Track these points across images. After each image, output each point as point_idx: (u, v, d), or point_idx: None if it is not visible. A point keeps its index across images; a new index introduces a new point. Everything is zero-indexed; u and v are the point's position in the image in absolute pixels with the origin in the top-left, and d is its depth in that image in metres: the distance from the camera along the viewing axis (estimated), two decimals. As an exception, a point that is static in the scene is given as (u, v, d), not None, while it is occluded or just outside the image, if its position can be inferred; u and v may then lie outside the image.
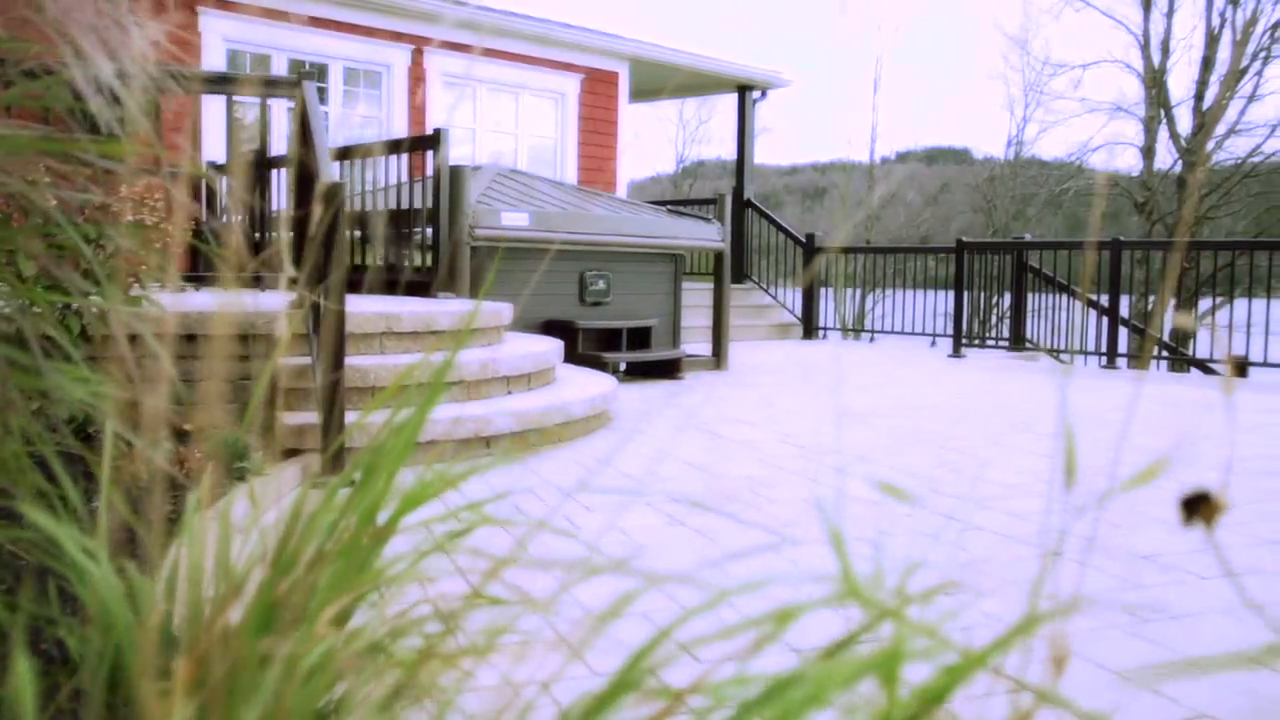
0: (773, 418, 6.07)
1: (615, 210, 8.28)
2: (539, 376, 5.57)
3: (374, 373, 4.63)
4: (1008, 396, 7.29)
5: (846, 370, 9.19)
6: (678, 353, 8.11)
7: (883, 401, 6.87)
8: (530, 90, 11.48)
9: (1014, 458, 4.88)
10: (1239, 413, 6.64)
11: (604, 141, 12.19)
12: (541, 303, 7.81)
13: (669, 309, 8.78)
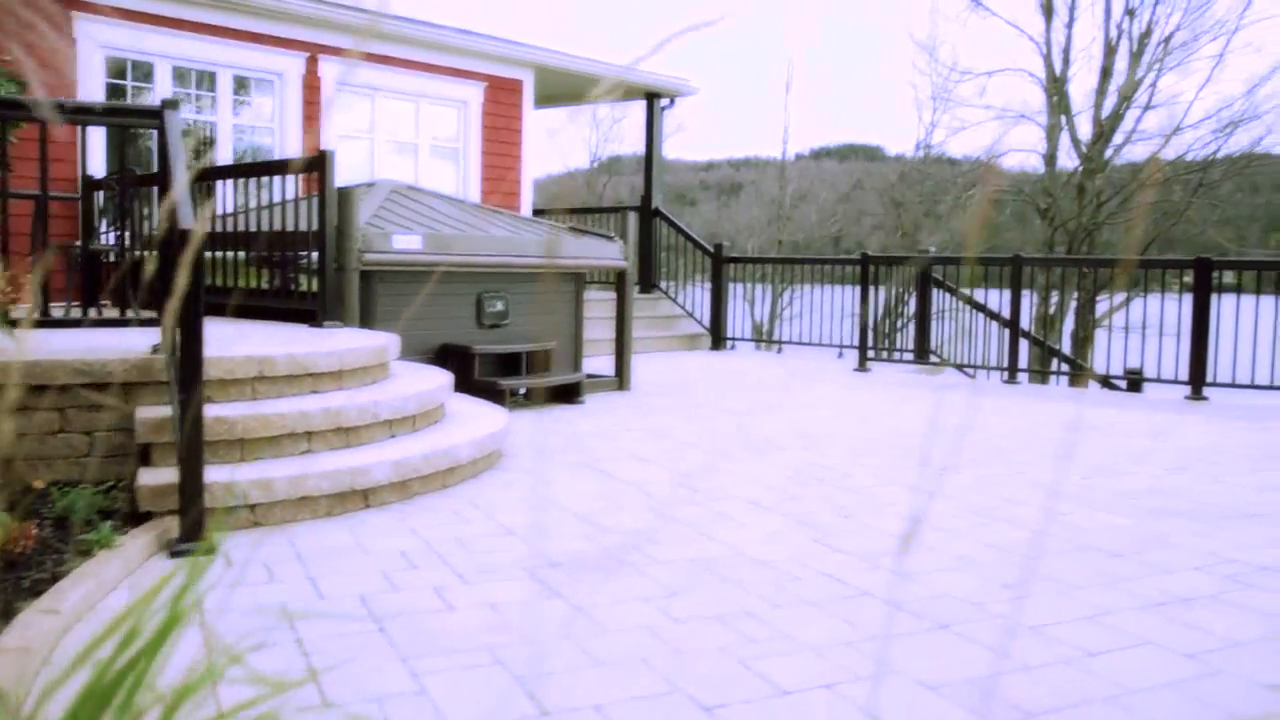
0: (669, 451, 5.95)
1: (515, 230, 8.08)
2: (425, 416, 5.37)
3: (243, 424, 4.37)
4: (906, 420, 7.29)
5: (751, 388, 9.13)
6: (577, 376, 7.95)
7: (783, 428, 6.80)
8: (431, 98, 11.19)
9: (908, 500, 4.83)
10: (1131, 438, 6.72)
11: (508, 150, 11.95)
12: (437, 326, 7.59)
13: (571, 327, 8.61)
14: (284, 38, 9.79)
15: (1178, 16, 19.54)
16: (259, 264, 7.26)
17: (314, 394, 4.96)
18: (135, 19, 8.80)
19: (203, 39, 9.22)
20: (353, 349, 5.17)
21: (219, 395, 4.63)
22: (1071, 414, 7.86)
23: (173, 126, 4.41)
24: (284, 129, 9.90)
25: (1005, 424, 7.21)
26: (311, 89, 10.05)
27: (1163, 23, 19.59)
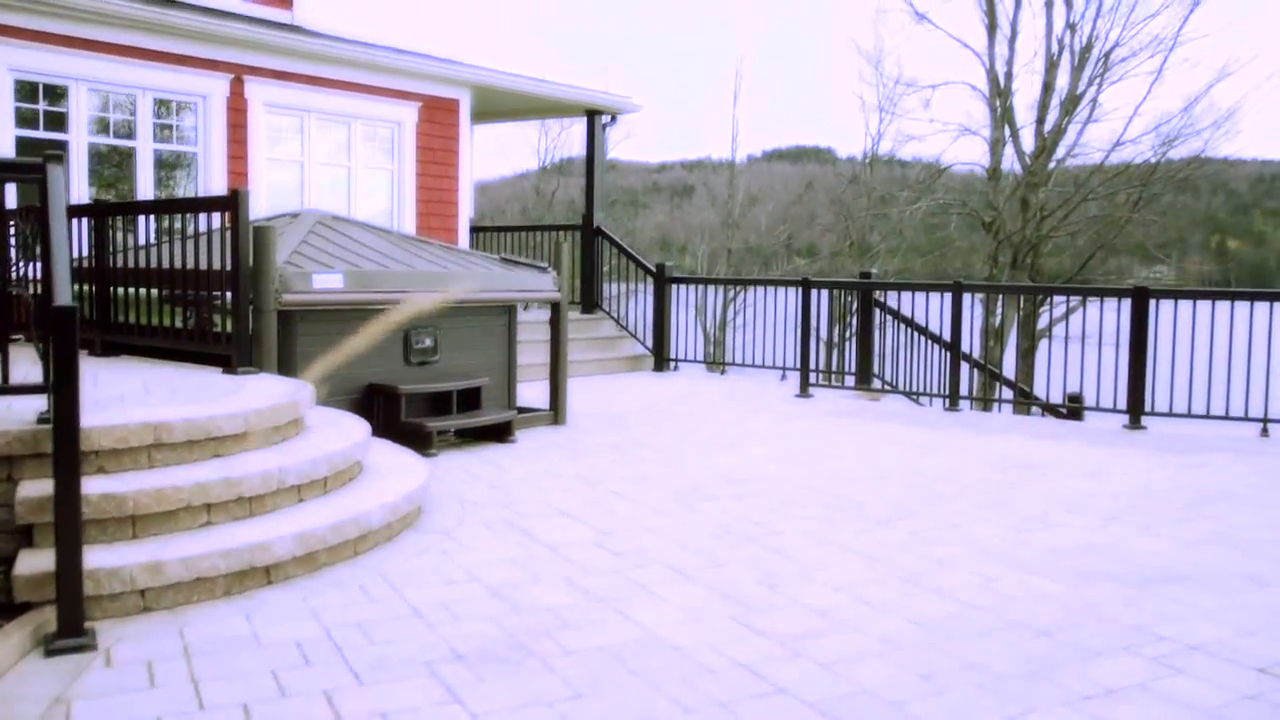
0: (595, 502, 5.77)
1: (443, 263, 7.85)
2: (338, 476, 5.14)
3: (135, 500, 4.12)
4: (843, 460, 7.17)
5: (688, 420, 8.98)
6: (507, 415, 7.74)
7: (716, 471, 6.65)
8: (364, 119, 10.91)
9: (837, 564, 4.69)
10: (1066, 479, 6.66)
11: (444, 172, 11.71)
12: (363, 364, 7.34)
13: (503, 360, 8.40)
14: (207, 59, 9.48)
15: (1117, 32, 19.75)
16: (173, 303, 6.98)
17: (217, 458, 4.72)
18: (48, 40, 8.45)
19: (121, 61, 8.88)
20: (258, 409, 4.93)
21: (112, 465, 4.38)
22: (1009, 449, 7.79)
23: (54, 183, 4.15)
24: (209, 153, 9.58)
25: (942, 463, 7.12)
26: (237, 111, 9.74)
27: (1103, 38, 19.78)
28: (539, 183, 41.38)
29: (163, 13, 8.93)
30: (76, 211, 7.49)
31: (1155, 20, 22.24)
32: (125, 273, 7.10)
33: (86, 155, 8.85)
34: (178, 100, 9.41)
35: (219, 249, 6.41)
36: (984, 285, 9.84)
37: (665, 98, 73.17)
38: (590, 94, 13.44)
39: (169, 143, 9.42)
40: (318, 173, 10.62)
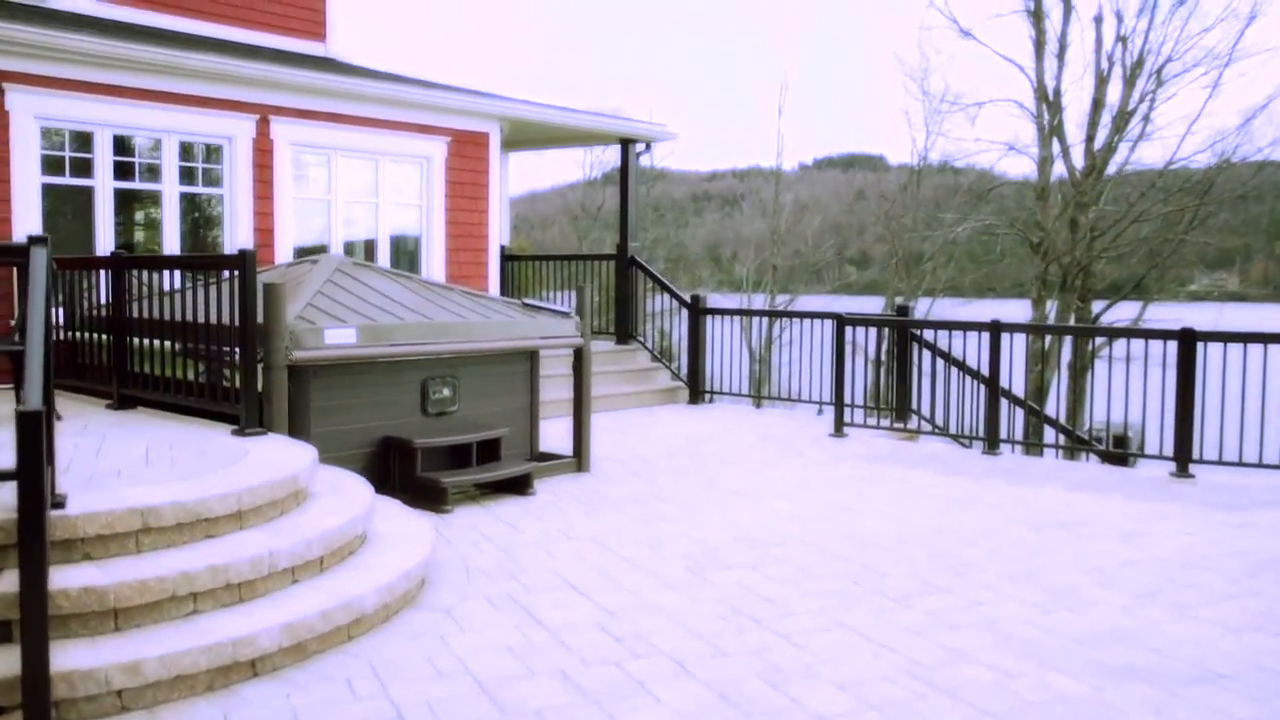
0: (605, 572, 5.59)
1: (462, 312, 7.73)
2: (337, 554, 5.01)
3: (116, 592, 4.02)
4: (868, 518, 6.91)
5: (716, 464, 8.77)
6: (525, 468, 7.58)
7: (735, 532, 6.44)
8: (392, 155, 10.86)
9: (847, 654, 4.46)
10: (1103, 541, 6.35)
11: (474, 206, 11.62)
12: (379, 415, 7.24)
13: (525, 407, 8.26)
14: (233, 100, 9.47)
15: (1170, 46, 19.19)
16: (185, 356, 6.93)
17: (209, 539, 4.62)
18: (73, 88, 8.48)
19: (146, 105, 8.90)
20: (251, 486, 4.82)
21: (99, 552, 4.29)
22: (1046, 503, 7.48)
23: (38, 266, 4.07)
24: (235, 194, 9.57)
25: (973, 522, 6.84)
26: (263, 151, 9.73)
27: (1155, 52, 19.24)
28: (584, 198, 41.30)
29: (186, 56, 8.93)
30: (95, 263, 7.49)
31: (1210, 34, 21.60)
32: (142, 323, 7.08)
33: (112, 200, 8.87)
34: (203, 142, 9.41)
35: (230, 305, 6.34)
36: (1023, 326, 9.53)
37: (716, 106, 73.14)
38: (623, 123, 13.31)
39: (195, 185, 9.42)
40: (345, 210, 10.58)
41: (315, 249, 10.42)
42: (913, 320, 10.68)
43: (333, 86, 10.00)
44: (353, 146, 10.45)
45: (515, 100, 11.94)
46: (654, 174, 51.83)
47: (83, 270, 7.56)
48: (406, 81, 11.12)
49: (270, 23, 12.19)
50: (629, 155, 13.43)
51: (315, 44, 12.69)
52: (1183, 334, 8.55)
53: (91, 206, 8.73)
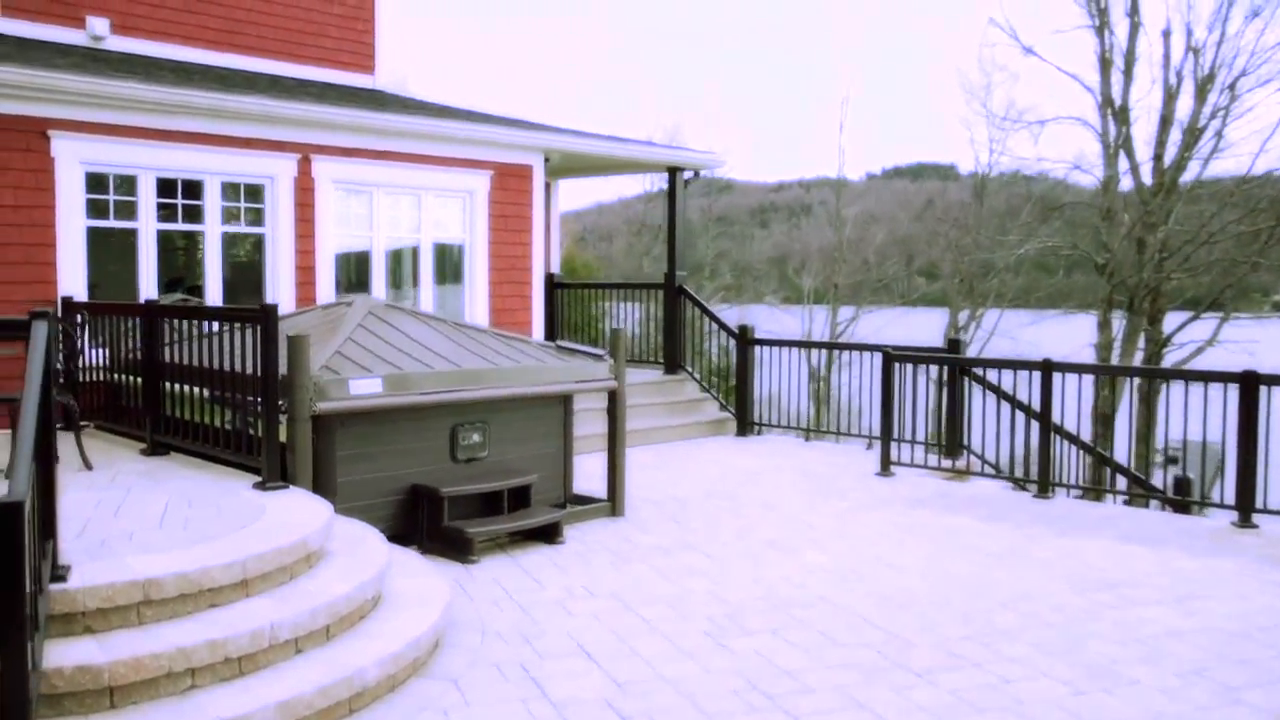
0: (622, 636, 5.45)
1: (493, 358, 7.65)
2: (345, 620, 4.94)
3: (111, 670, 3.99)
4: (904, 573, 6.67)
5: (755, 507, 8.58)
6: (554, 516, 7.46)
7: (764, 590, 6.25)
8: (434, 190, 10.87)
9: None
10: (1151, 605, 6.03)
11: (518, 239, 11.58)
12: (407, 462, 7.19)
13: (558, 452, 8.17)
14: (274, 140, 9.55)
15: (1243, 60, 18.52)
16: (215, 403, 6.95)
17: (213, 608, 4.58)
18: (116, 133, 8.61)
19: (189, 148, 9.01)
20: (259, 553, 4.78)
21: (100, 624, 4.28)
22: (1094, 558, 7.16)
23: (38, 342, 4.06)
24: (276, 233, 9.65)
25: (1014, 580, 6.56)
26: (305, 190, 9.79)
27: (1228, 66, 18.58)
28: (645, 214, 41.21)
29: (228, 99, 9.02)
30: (130, 310, 7.58)
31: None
32: (173, 369, 7.14)
33: (155, 242, 8.98)
34: (245, 183, 9.50)
35: (253, 356, 6.34)
36: (1075, 366, 9.17)
37: (783, 116, 72.82)
38: (671, 151, 13.22)
39: (237, 224, 9.52)
40: (387, 246, 10.62)
41: (356, 286, 10.47)
42: (961, 358, 10.38)
43: (374, 124, 10.04)
44: (394, 182, 10.48)
45: (558, 132, 11.89)
46: (720, 185, 51.79)
47: (121, 315, 7.66)
48: (448, 115, 11.13)
49: (320, 57, 12.32)
50: (676, 183, 13.30)
51: (364, 76, 12.80)
52: (1244, 377, 8.16)
53: (135, 248, 8.85)
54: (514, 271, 11.59)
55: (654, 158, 13.05)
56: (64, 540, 4.87)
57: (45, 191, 8.28)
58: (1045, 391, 9.10)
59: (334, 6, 12.42)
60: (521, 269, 11.65)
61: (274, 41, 11.82)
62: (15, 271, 8.17)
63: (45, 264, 8.30)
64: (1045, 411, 9.14)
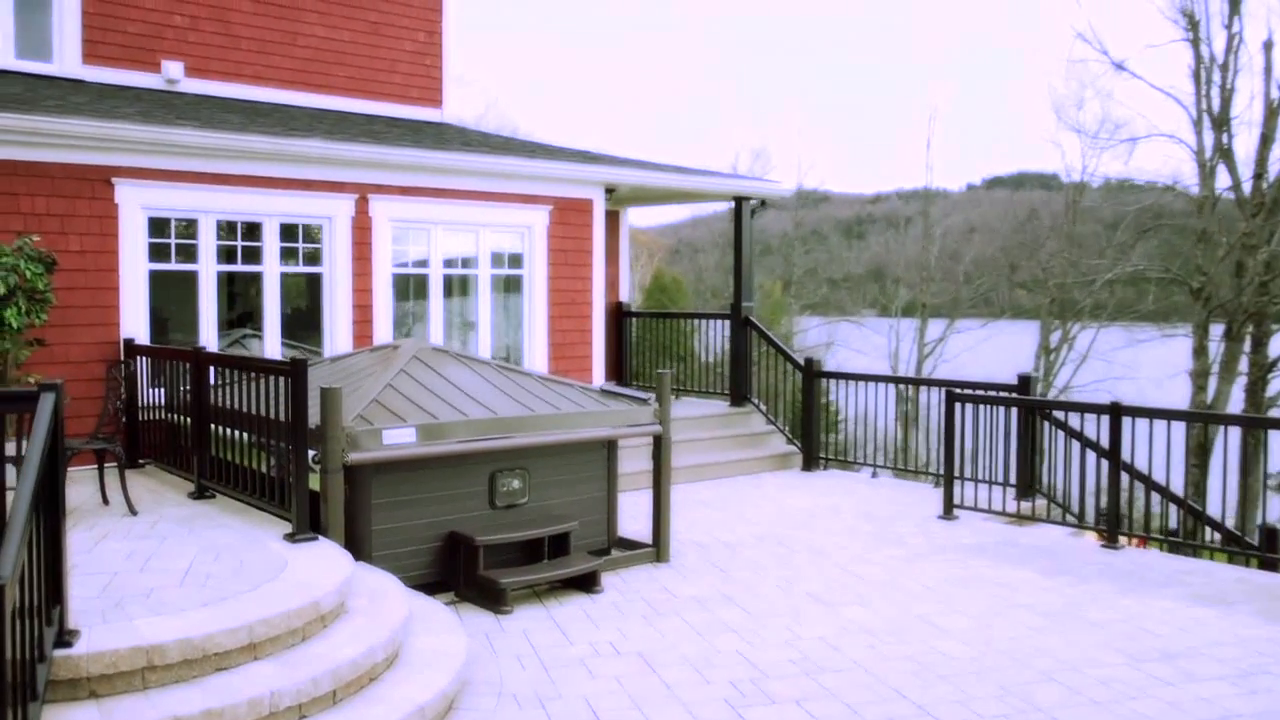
0: (637, 703, 5.32)
1: (532, 404, 7.61)
2: (354, 684, 4.92)
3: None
4: (948, 634, 6.39)
5: (806, 552, 8.36)
6: (591, 566, 7.37)
7: (795, 648, 6.06)
8: (492, 227, 10.92)
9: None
10: (1206, 681, 5.66)
11: (578, 273, 11.57)
12: (443, 510, 7.18)
13: (601, 497, 8.07)
14: (332, 181, 9.71)
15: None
16: (257, 448, 7.06)
17: (220, 672, 4.62)
18: (178, 178, 8.85)
19: (248, 191, 9.21)
20: (267, 617, 4.80)
21: (104, 689, 4.34)
22: (1155, 621, 6.77)
23: (41, 415, 4.13)
24: (334, 272, 9.79)
25: (1064, 646, 6.23)
26: (362, 230, 9.93)
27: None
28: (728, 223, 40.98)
29: (287, 143, 9.20)
30: (180, 355, 7.76)
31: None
32: (218, 412, 7.27)
33: (215, 283, 9.20)
34: (303, 223, 9.67)
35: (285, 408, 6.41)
36: (1146, 410, 8.70)
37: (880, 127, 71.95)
38: (735, 181, 13.08)
39: (295, 264, 9.69)
40: (444, 283, 10.69)
41: (413, 324, 10.57)
42: (1025, 399, 9.98)
43: (430, 163, 10.13)
44: (452, 219, 10.56)
45: (619, 164, 11.85)
46: (816, 198, 51.36)
47: (173, 359, 7.86)
48: (507, 151, 11.17)
49: (388, 93, 12.52)
50: (742, 213, 13.13)
51: (433, 110, 12.97)
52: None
53: (196, 290, 9.07)
54: (573, 305, 11.57)
55: (718, 188, 12.91)
56: (83, 599, 4.97)
57: (109, 237, 8.55)
58: (1114, 435, 8.68)
59: (404, 43, 12.62)
60: (581, 302, 11.63)
61: (343, 79, 12.05)
62: (81, 315, 8.44)
63: (109, 307, 8.56)
64: (1114, 456, 8.72)
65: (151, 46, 10.80)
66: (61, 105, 8.67)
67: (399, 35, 12.51)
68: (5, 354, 7.62)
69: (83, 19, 10.35)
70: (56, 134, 8.13)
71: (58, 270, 8.07)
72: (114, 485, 7.17)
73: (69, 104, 8.82)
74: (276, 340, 9.56)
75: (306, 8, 11.75)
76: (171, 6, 10.88)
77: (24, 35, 10.22)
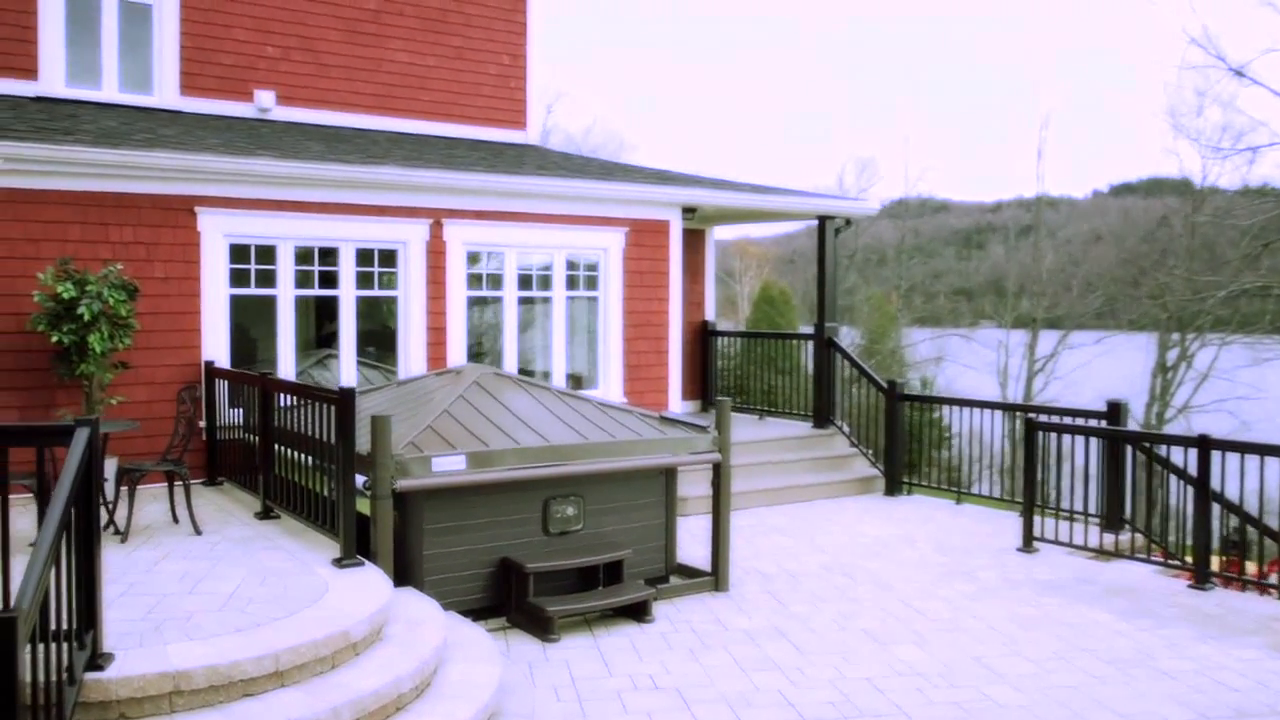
0: (669, 745, 5.27)
1: (587, 431, 7.60)
2: (378, 714, 4.98)
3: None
4: (1003, 682, 6.13)
5: (873, 586, 8.16)
6: (641, 595, 7.32)
7: (837, 690, 5.90)
8: (566, 249, 11.00)
9: None
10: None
11: (653, 295, 11.55)
12: (496, 536, 7.23)
13: (659, 524, 8.02)
14: (406, 206, 9.92)
15: None
16: (317, 470, 7.23)
17: (246, 698, 4.73)
18: (257, 206, 9.17)
19: (325, 217, 9.48)
20: (294, 646, 4.90)
21: (133, 712, 4.50)
22: (1234, 674, 6.37)
23: (76, 448, 4.31)
24: (409, 296, 10.00)
25: (1127, 700, 5.90)
26: (436, 254, 10.11)
27: None
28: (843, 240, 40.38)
29: (363, 171, 9.44)
30: (249, 379, 8.02)
31: None
32: (282, 434, 7.49)
33: (293, 307, 9.49)
34: (379, 248, 9.90)
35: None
36: (1236, 443, 8.23)
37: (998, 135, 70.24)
38: (818, 200, 12.89)
39: (370, 289, 9.92)
40: (517, 306, 10.81)
41: (487, 345, 10.72)
42: (1109, 430, 9.54)
43: (503, 187, 10.26)
44: (526, 242, 10.67)
45: (694, 186, 11.80)
46: (935, 205, 50.30)
47: (245, 383, 8.14)
48: (582, 174, 11.24)
49: (472, 116, 12.75)
50: (826, 233, 12.93)
51: (515, 132, 13.14)
52: None
53: (274, 314, 9.37)
54: (649, 327, 11.55)
55: (799, 207, 12.75)
56: (128, 621, 5.17)
57: (192, 264, 8.90)
58: (1203, 469, 8.22)
59: (488, 67, 12.83)
60: (657, 324, 11.61)
61: (426, 103, 12.32)
62: (165, 339, 8.81)
63: (191, 330, 8.91)
64: (1204, 490, 8.26)
65: (245, 77, 11.23)
66: (151, 139, 9.07)
67: (483, 60, 12.73)
68: (91, 377, 8.01)
69: (180, 53, 10.83)
70: (143, 167, 8.51)
71: (143, 296, 8.45)
72: (184, 504, 7.44)
73: (158, 137, 9.22)
74: (352, 361, 9.81)
75: (392, 35, 12.05)
76: (264, 38, 11.29)
77: (127, 70, 10.74)
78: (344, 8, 11.75)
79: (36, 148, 8.07)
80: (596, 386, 11.32)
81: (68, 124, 9.10)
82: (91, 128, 9.10)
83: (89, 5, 10.44)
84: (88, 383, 8.06)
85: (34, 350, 8.16)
